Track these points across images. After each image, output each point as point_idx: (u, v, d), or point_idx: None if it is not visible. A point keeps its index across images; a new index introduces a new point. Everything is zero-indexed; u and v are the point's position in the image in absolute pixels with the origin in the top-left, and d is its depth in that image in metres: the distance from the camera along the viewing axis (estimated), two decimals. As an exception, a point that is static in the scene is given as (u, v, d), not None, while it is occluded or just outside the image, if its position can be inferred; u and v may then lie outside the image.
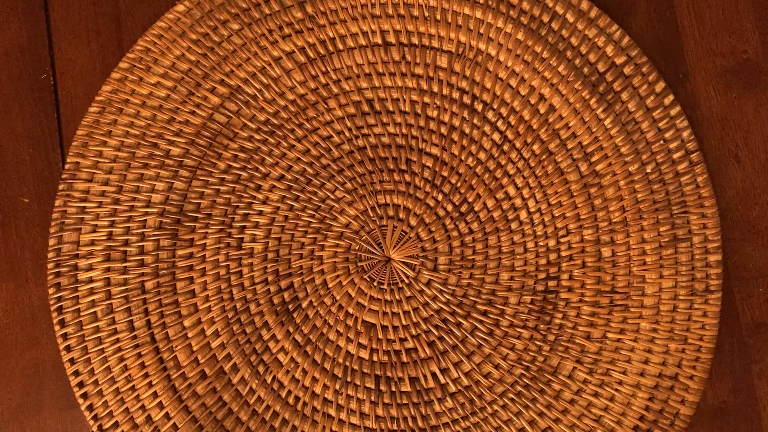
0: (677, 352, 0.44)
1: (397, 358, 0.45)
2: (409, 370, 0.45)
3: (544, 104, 0.46)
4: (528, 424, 0.44)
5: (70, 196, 0.46)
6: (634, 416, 0.44)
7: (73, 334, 0.45)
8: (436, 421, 0.44)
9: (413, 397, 0.45)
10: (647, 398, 0.44)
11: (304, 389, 0.45)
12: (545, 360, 0.45)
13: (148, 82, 0.47)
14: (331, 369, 0.45)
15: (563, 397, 0.44)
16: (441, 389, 0.45)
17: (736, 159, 0.47)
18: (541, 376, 0.45)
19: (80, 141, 0.47)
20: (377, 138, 0.47)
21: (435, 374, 0.45)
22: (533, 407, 0.44)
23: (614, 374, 0.44)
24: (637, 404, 0.44)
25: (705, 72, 0.48)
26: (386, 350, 0.45)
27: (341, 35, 0.47)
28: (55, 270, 0.45)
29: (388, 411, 0.44)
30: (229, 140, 0.47)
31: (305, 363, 0.45)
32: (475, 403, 0.44)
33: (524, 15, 0.47)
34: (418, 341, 0.45)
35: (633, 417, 0.44)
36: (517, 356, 0.45)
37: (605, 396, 0.44)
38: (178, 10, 0.47)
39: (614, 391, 0.44)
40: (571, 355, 0.45)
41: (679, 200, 0.46)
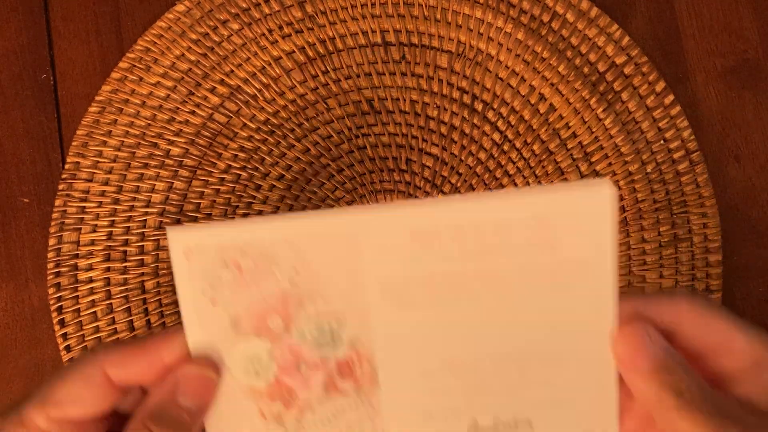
0: (677, 352, 0.44)
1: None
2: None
3: (544, 104, 0.46)
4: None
5: (70, 196, 0.46)
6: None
7: (73, 334, 0.45)
8: (436, 421, 0.44)
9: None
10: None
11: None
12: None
13: (148, 81, 0.47)
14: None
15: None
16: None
17: (736, 159, 0.47)
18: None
19: (80, 141, 0.47)
20: (377, 138, 0.47)
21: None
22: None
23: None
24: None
25: (705, 72, 0.48)
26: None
27: (341, 35, 0.47)
28: (55, 270, 0.45)
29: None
30: (228, 140, 0.47)
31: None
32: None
33: (524, 15, 0.47)
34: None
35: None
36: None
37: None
38: (178, 10, 0.47)
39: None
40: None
41: (679, 200, 0.46)
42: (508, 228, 0.27)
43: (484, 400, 0.29)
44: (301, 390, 0.29)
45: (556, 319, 0.28)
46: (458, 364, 0.29)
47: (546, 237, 0.27)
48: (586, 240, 0.27)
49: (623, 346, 0.26)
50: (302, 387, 0.29)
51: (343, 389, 0.29)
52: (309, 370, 0.29)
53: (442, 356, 0.28)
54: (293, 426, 0.29)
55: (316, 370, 0.29)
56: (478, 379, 0.29)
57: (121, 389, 0.27)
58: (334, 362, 0.28)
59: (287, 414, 0.29)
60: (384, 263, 0.27)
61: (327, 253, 0.27)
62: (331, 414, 0.29)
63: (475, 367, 0.28)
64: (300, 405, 0.29)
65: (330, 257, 0.27)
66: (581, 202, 0.26)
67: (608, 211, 0.26)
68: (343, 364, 0.28)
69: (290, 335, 0.28)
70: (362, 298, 0.28)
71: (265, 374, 0.28)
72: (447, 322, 0.28)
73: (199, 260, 0.27)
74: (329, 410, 0.29)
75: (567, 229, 0.27)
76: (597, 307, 0.27)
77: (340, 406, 0.29)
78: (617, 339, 0.26)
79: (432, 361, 0.29)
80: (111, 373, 0.26)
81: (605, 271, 0.27)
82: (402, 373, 0.29)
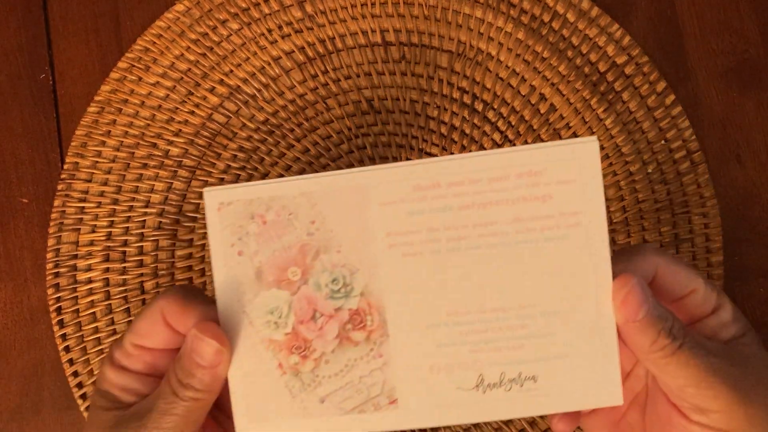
0: (678, 352, 0.44)
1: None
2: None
3: (544, 104, 0.46)
4: (528, 425, 0.44)
5: (69, 196, 0.46)
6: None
7: (72, 335, 0.45)
8: (436, 422, 0.44)
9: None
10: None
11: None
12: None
13: (147, 81, 0.47)
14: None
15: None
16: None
17: (737, 159, 0.47)
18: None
19: (79, 141, 0.46)
20: (376, 138, 0.46)
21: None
22: (533, 408, 0.44)
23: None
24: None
25: (706, 71, 0.48)
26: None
27: (341, 34, 0.47)
28: (54, 270, 0.45)
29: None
30: (228, 140, 0.46)
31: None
32: (475, 404, 0.44)
33: (525, 14, 0.47)
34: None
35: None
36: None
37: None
38: (177, 10, 0.47)
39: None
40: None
41: (680, 200, 0.45)
42: (503, 181, 0.30)
43: (490, 355, 0.31)
44: (317, 340, 0.31)
45: (554, 271, 0.30)
46: (462, 316, 0.31)
47: (538, 190, 0.30)
48: (577, 193, 0.30)
49: (622, 300, 0.29)
50: (318, 337, 0.31)
51: (355, 339, 0.31)
52: (324, 320, 0.31)
53: (447, 308, 0.31)
54: (309, 377, 0.32)
55: (331, 320, 0.31)
56: (482, 332, 0.31)
57: (177, 332, 0.31)
58: (347, 312, 0.31)
59: (303, 366, 0.31)
60: (389, 215, 0.31)
61: (339, 206, 0.31)
62: (344, 365, 0.31)
63: (478, 319, 0.31)
64: (315, 357, 0.31)
65: (342, 210, 0.31)
66: (569, 155, 0.29)
67: (594, 163, 0.29)
68: (355, 314, 0.31)
69: (307, 286, 0.31)
70: (371, 249, 0.31)
71: (284, 326, 0.31)
72: (449, 274, 0.31)
73: (229, 214, 0.31)
74: (342, 361, 0.31)
75: (558, 182, 0.30)
76: (592, 259, 0.30)
77: (352, 357, 0.31)
78: (616, 292, 0.29)
79: (438, 313, 0.31)
80: (168, 320, 0.31)
81: (597, 223, 0.30)
82: (410, 325, 0.31)
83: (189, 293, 0.32)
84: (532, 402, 0.31)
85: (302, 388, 0.32)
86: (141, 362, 0.32)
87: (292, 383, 0.32)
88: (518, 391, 0.31)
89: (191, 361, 0.30)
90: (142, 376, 0.33)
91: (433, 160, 0.30)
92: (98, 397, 0.33)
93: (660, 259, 0.31)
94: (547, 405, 0.31)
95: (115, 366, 0.33)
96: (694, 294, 0.31)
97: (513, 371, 0.31)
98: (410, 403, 0.32)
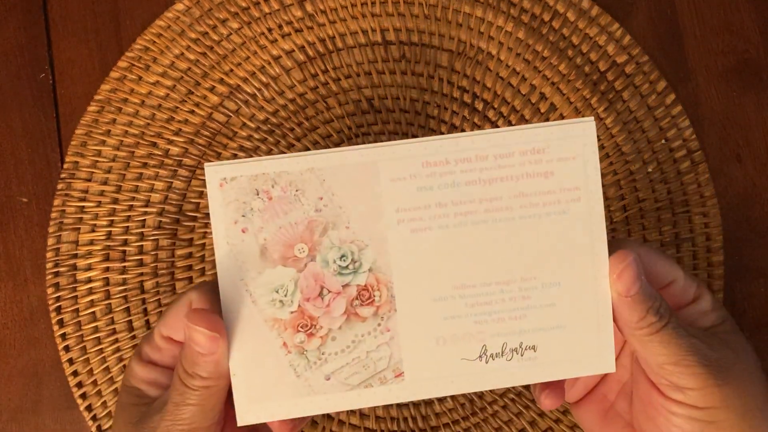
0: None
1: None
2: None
3: (545, 103, 0.46)
4: (528, 425, 0.44)
5: (68, 195, 0.46)
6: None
7: (71, 334, 0.45)
8: (436, 422, 0.44)
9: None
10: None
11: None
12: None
13: (147, 81, 0.47)
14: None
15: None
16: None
17: (737, 158, 0.47)
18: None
19: (79, 140, 0.46)
20: (377, 137, 0.46)
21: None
22: (534, 407, 0.44)
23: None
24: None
25: (706, 71, 0.48)
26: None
27: (341, 34, 0.47)
28: (54, 270, 0.45)
29: (388, 411, 0.44)
30: (228, 139, 0.46)
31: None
32: (475, 404, 0.44)
33: (525, 13, 0.47)
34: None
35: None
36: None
37: (606, 396, 0.44)
38: (177, 9, 0.47)
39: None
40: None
41: (680, 200, 0.45)
42: (507, 157, 0.31)
43: (493, 326, 0.32)
44: (324, 318, 0.31)
45: (554, 244, 0.31)
46: (468, 289, 0.32)
47: (541, 167, 0.31)
48: (577, 169, 0.31)
49: (618, 274, 0.30)
50: (324, 314, 0.31)
51: (363, 315, 0.32)
52: (332, 297, 0.31)
53: (454, 282, 0.32)
54: (315, 355, 0.32)
55: (338, 297, 0.31)
56: (486, 304, 0.32)
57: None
58: (355, 288, 0.31)
59: (309, 344, 0.31)
60: (399, 191, 0.31)
61: (348, 182, 0.31)
62: (351, 341, 0.32)
63: (483, 291, 0.32)
64: (321, 334, 0.31)
65: (351, 186, 0.31)
66: (570, 133, 0.31)
67: (593, 141, 0.31)
68: (363, 289, 0.31)
69: (315, 263, 0.31)
70: (380, 225, 0.31)
71: (290, 304, 0.31)
72: (456, 248, 0.31)
73: (233, 190, 0.30)
74: (349, 337, 0.32)
75: (559, 159, 0.31)
76: (590, 232, 0.31)
77: (359, 332, 0.32)
78: (613, 266, 0.31)
79: (444, 286, 0.32)
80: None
81: (595, 198, 0.31)
82: (417, 299, 0.32)
83: (217, 294, 0.31)
84: (531, 371, 0.32)
85: (307, 366, 0.32)
86: (169, 356, 0.33)
87: (296, 362, 0.32)
88: (518, 361, 0.32)
89: (191, 350, 0.30)
90: (168, 370, 0.33)
91: (443, 138, 0.31)
92: (125, 394, 0.33)
93: (642, 251, 0.32)
94: (546, 373, 0.32)
95: (144, 361, 0.33)
96: (674, 284, 0.33)
97: (514, 341, 0.32)
98: (415, 375, 0.32)
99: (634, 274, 0.30)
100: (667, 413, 0.31)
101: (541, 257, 0.32)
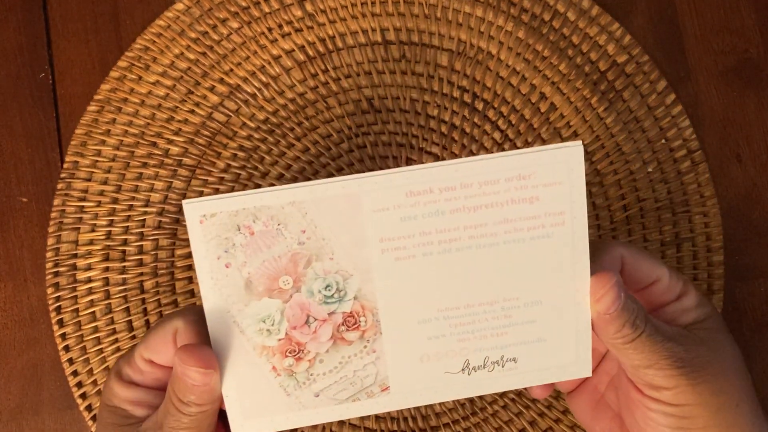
0: (679, 352, 0.44)
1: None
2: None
3: (545, 103, 0.46)
4: (529, 425, 0.44)
5: (68, 195, 0.46)
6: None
7: (71, 334, 0.45)
8: (436, 422, 0.44)
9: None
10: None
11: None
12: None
13: (147, 80, 0.47)
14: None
15: (564, 397, 0.44)
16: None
17: (737, 158, 0.47)
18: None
19: (79, 140, 0.46)
20: (377, 137, 0.46)
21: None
22: (534, 407, 0.44)
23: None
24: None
25: (706, 71, 0.48)
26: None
27: (341, 33, 0.47)
28: (54, 270, 0.45)
29: (388, 412, 0.44)
30: (228, 139, 0.46)
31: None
32: (475, 403, 0.44)
33: (525, 13, 0.47)
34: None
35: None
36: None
37: (606, 396, 0.44)
38: (177, 9, 0.47)
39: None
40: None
41: (680, 200, 0.45)
42: (493, 184, 0.31)
43: (475, 343, 0.33)
44: (311, 343, 0.32)
45: (537, 266, 0.32)
46: (452, 311, 0.32)
47: (526, 192, 0.31)
48: (563, 194, 0.31)
49: (599, 297, 0.31)
50: (311, 340, 0.32)
51: (349, 339, 0.32)
52: (318, 324, 0.32)
53: (438, 305, 0.32)
54: (303, 376, 0.32)
55: (324, 324, 0.32)
56: (469, 324, 0.32)
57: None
58: (340, 315, 0.32)
59: (298, 366, 0.32)
60: (382, 221, 0.31)
61: (331, 214, 0.30)
62: (338, 362, 0.32)
63: (467, 312, 0.32)
64: (309, 358, 0.32)
65: (334, 217, 0.30)
66: (557, 159, 0.31)
67: (580, 166, 0.31)
68: (349, 316, 0.32)
69: (300, 294, 0.31)
70: (365, 254, 0.31)
71: (277, 332, 0.31)
72: (441, 273, 0.32)
73: (213, 227, 0.30)
74: (336, 359, 0.32)
75: (545, 185, 0.31)
76: (573, 254, 0.32)
77: (346, 354, 0.32)
78: (594, 289, 0.31)
79: (429, 310, 0.32)
80: (178, 344, 0.31)
81: (580, 221, 0.31)
82: (402, 322, 0.32)
83: (204, 323, 0.31)
84: (512, 379, 0.33)
85: (297, 386, 0.32)
86: (152, 378, 0.33)
87: (286, 383, 0.32)
88: (500, 371, 0.33)
89: (185, 383, 0.30)
90: (152, 389, 0.33)
91: (426, 167, 0.30)
92: (108, 414, 0.33)
93: (625, 252, 0.33)
94: (526, 380, 0.33)
95: (124, 381, 0.33)
96: (658, 283, 0.34)
97: (496, 355, 0.33)
98: (401, 389, 0.33)
99: (614, 297, 0.31)
100: (644, 408, 0.32)
101: (524, 278, 0.32)
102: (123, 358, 0.34)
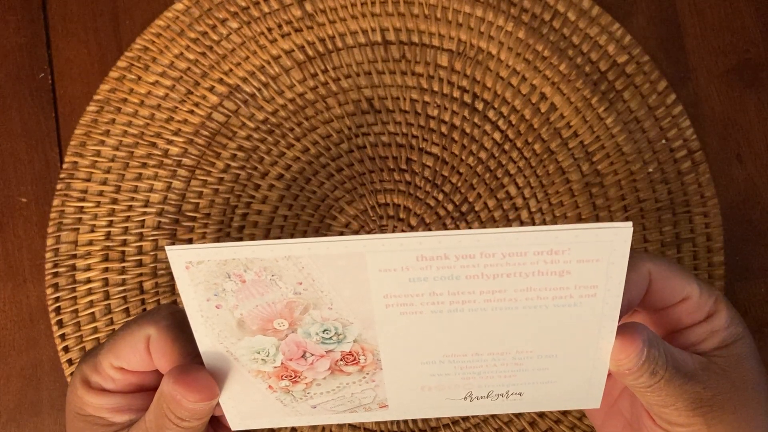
0: (679, 352, 0.44)
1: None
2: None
3: (545, 103, 0.46)
4: (529, 425, 0.44)
5: (68, 195, 0.46)
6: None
7: (71, 335, 0.45)
8: (436, 422, 0.44)
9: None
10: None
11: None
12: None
13: (146, 81, 0.47)
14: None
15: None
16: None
17: (738, 159, 0.47)
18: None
19: (78, 140, 0.46)
20: (377, 137, 0.46)
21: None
22: (534, 408, 0.44)
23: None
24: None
25: (707, 71, 0.48)
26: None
27: (341, 33, 0.47)
28: (53, 270, 0.45)
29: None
30: (227, 139, 0.46)
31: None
32: (475, 405, 0.44)
33: (525, 13, 0.47)
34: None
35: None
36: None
37: (607, 397, 0.44)
38: (176, 9, 0.47)
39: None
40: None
41: (681, 200, 0.45)
42: (519, 256, 0.27)
43: (481, 381, 0.31)
44: (308, 371, 0.30)
45: (558, 327, 0.29)
46: (458, 357, 0.30)
47: (557, 266, 0.27)
48: (599, 271, 0.27)
49: (622, 359, 0.29)
50: (308, 369, 0.30)
51: (348, 371, 0.30)
52: (315, 358, 0.30)
53: (443, 351, 0.30)
54: (300, 394, 0.31)
55: (322, 359, 0.30)
56: (475, 368, 0.30)
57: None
58: (339, 353, 0.30)
59: (294, 387, 0.31)
60: (388, 280, 0.27)
61: (332, 270, 0.27)
62: (336, 386, 0.31)
63: (474, 359, 0.30)
64: (306, 381, 0.31)
65: (334, 274, 0.27)
66: (599, 237, 0.26)
67: (626, 246, 0.26)
68: (348, 354, 0.30)
69: (296, 334, 0.29)
70: (367, 308, 0.28)
71: (272, 362, 0.30)
72: (449, 327, 0.29)
73: (201, 273, 0.27)
74: (334, 384, 0.31)
75: (579, 261, 0.27)
76: (600, 321, 0.29)
77: (344, 381, 0.31)
78: (618, 352, 0.29)
79: (433, 354, 0.30)
80: (151, 353, 0.30)
81: (614, 295, 0.28)
82: (404, 362, 0.30)
83: (177, 327, 0.30)
84: (515, 406, 0.32)
85: (293, 400, 0.31)
86: (124, 384, 0.31)
87: (283, 397, 0.31)
88: (503, 401, 0.31)
89: (183, 407, 0.29)
90: (128, 393, 0.32)
91: (442, 234, 0.26)
92: (83, 424, 0.31)
93: (654, 267, 0.31)
94: (530, 408, 0.32)
95: (94, 389, 0.31)
96: (687, 301, 0.31)
97: (501, 389, 0.31)
98: (399, 407, 0.32)
99: (636, 359, 0.29)
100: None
101: (542, 336, 0.29)
102: (86, 365, 0.31)
